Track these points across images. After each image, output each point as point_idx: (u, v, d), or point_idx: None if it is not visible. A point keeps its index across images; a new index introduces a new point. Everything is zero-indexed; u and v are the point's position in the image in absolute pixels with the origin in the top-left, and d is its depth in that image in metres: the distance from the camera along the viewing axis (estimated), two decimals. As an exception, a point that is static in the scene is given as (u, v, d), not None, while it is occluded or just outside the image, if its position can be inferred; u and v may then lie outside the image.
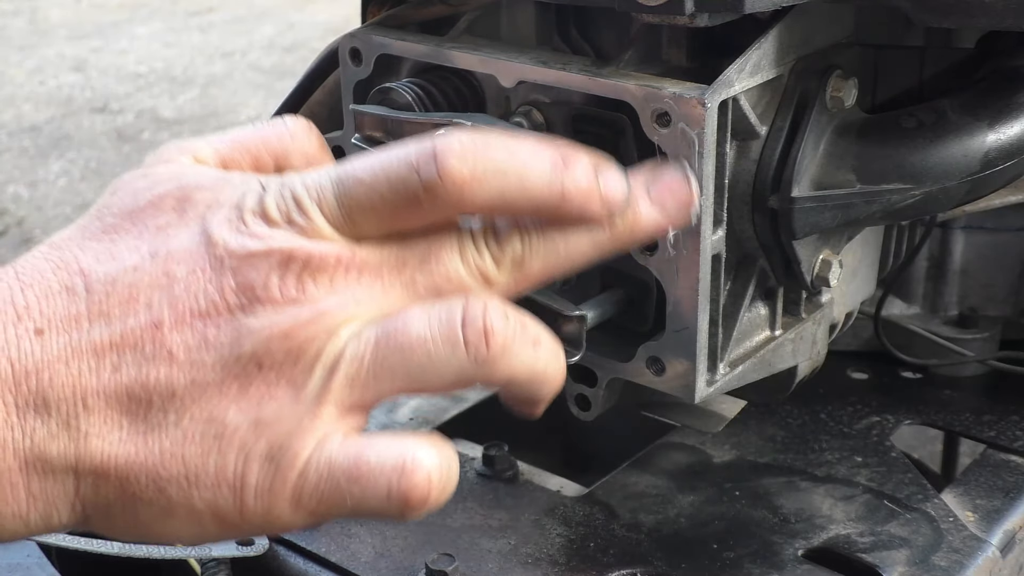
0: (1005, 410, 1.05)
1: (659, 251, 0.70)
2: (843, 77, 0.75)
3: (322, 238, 0.55)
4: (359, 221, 0.56)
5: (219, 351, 0.54)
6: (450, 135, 0.55)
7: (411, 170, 0.54)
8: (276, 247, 0.54)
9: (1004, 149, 0.76)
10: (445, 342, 0.54)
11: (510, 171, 0.55)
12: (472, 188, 0.55)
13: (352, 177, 0.55)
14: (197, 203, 0.57)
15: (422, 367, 0.55)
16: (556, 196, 0.56)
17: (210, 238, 0.55)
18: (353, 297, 0.55)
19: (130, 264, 0.56)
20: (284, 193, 0.56)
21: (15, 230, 4.11)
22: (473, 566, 0.86)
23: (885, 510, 0.91)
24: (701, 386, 0.74)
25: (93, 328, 0.55)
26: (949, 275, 1.13)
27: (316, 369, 0.54)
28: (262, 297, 0.54)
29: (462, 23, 0.82)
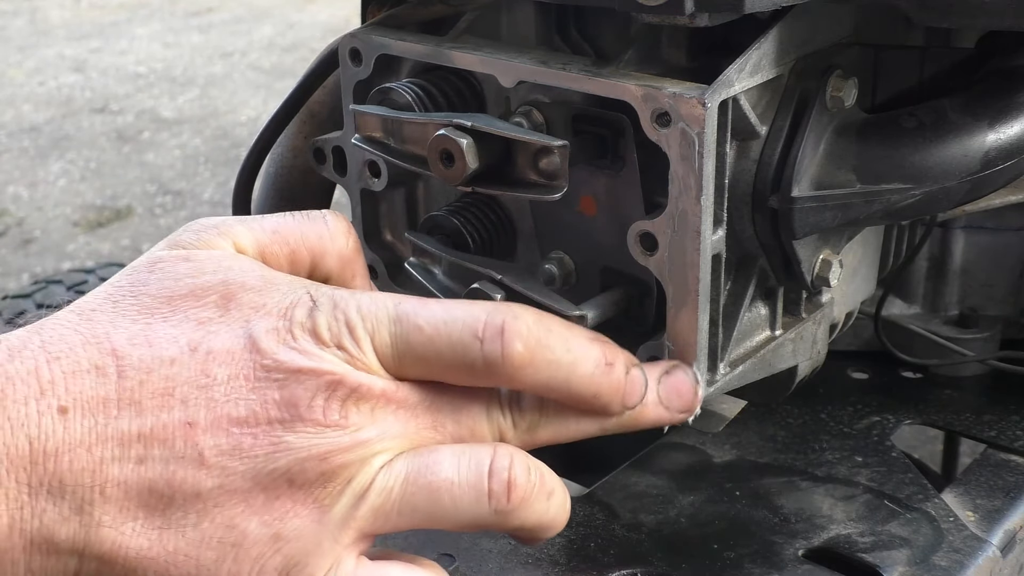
0: (1005, 410, 1.05)
1: (659, 251, 0.70)
2: (843, 77, 0.75)
3: (368, 370, 0.56)
4: (407, 364, 0.57)
5: (252, 462, 0.54)
6: (518, 315, 0.57)
7: (475, 339, 0.56)
8: (327, 369, 0.55)
9: (1004, 149, 0.76)
10: (471, 489, 0.57)
11: (563, 365, 0.59)
12: (526, 373, 0.58)
13: (412, 323, 0.56)
14: (242, 304, 0.57)
15: (444, 509, 0.58)
16: (591, 394, 0.61)
17: (256, 345, 0.55)
18: (390, 430, 0.57)
19: (167, 356, 0.55)
20: (338, 316, 0.56)
21: (15, 230, 4.11)
22: (473, 566, 0.86)
23: (885, 510, 0.91)
24: (701, 386, 0.74)
25: (122, 416, 0.54)
26: (949, 275, 1.13)
27: (345, 494, 0.56)
28: (305, 416, 0.54)
29: (462, 23, 0.82)
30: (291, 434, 0.54)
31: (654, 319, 0.77)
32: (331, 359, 0.55)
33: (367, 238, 0.88)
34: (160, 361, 0.54)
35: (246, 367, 0.55)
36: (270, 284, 0.58)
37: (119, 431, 0.53)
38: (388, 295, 0.59)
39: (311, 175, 0.97)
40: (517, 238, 0.83)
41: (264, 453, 0.54)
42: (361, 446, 0.55)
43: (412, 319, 0.57)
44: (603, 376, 0.60)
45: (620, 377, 0.61)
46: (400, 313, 0.57)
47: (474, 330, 0.56)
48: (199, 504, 0.54)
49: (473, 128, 0.69)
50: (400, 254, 0.89)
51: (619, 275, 0.78)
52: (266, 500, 0.54)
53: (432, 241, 0.79)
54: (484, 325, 0.56)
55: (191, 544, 0.54)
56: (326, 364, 0.55)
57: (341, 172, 0.87)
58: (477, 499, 0.58)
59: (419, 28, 0.84)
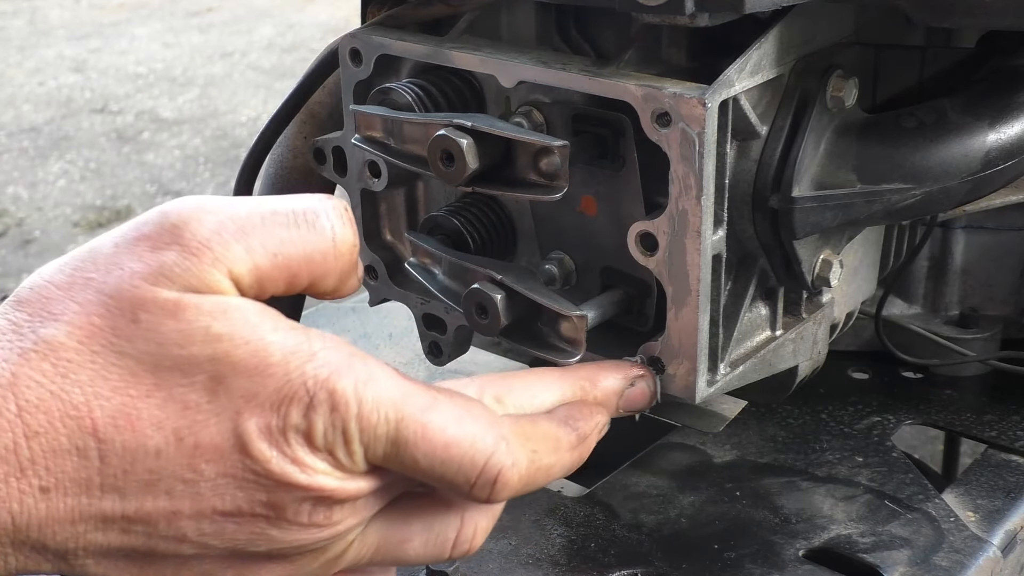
0: (1006, 410, 1.05)
1: (659, 251, 0.70)
2: (844, 77, 0.75)
3: (356, 476, 0.57)
4: (394, 468, 0.58)
5: (234, 543, 0.56)
6: (517, 462, 0.59)
7: (466, 483, 0.58)
8: (317, 486, 0.55)
9: (1005, 149, 0.76)
10: (434, 557, 0.63)
11: (546, 480, 0.62)
12: (507, 497, 0.60)
13: (409, 454, 0.57)
14: (232, 391, 0.54)
15: (405, 564, 0.63)
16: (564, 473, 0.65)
17: (247, 447, 0.54)
18: (365, 511, 0.59)
19: (152, 446, 0.53)
20: (335, 423, 0.55)
21: (15, 231, 4.11)
22: (474, 566, 0.86)
23: (886, 510, 0.91)
24: (702, 386, 0.74)
25: (105, 498, 0.53)
26: (950, 275, 1.13)
27: (319, 560, 0.59)
28: (291, 519, 0.56)
29: (462, 23, 0.82)
30: (274, 529, 0.56)
31: (654, 319, 0.77)
32: (323, 469, 0.56)
33: (367, 238, 0.88)
34: (145, 452, 0.53)
35: (234, 467, 0.54)
36: (264, 365, 0.55)
37: (102, 511, 0.54)
38: (395, 398, 0.56)
39: (311, 175, 0.97)
40: (517, 238, 0.83)
41: (246, 539, 0.56)
42: (340, 535, 0.58)
43: (410, 451, 0.57)
44: (576, 461, 0.65)
45: (587, 452, 0.66)
46: (400, 439, 0.56)
47: (468, 477, 0.58)
48: (178, 560, 0.56)
49: (473, 128, 0.69)
50: (400, 254, 0.89)
51: (619, 275, 0.78)
52: (243, 564, 0.57)
53: (432, 241, 0.79)
54: (480, 473, 0.58)
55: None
56: (318, 480, 0.55)
57: (341, 172, 0.87)
58: (435, 560, 0.64)
59: (419, 28, 0.84)
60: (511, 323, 0.72)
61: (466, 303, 0.73)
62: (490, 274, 0.72)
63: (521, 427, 0.61)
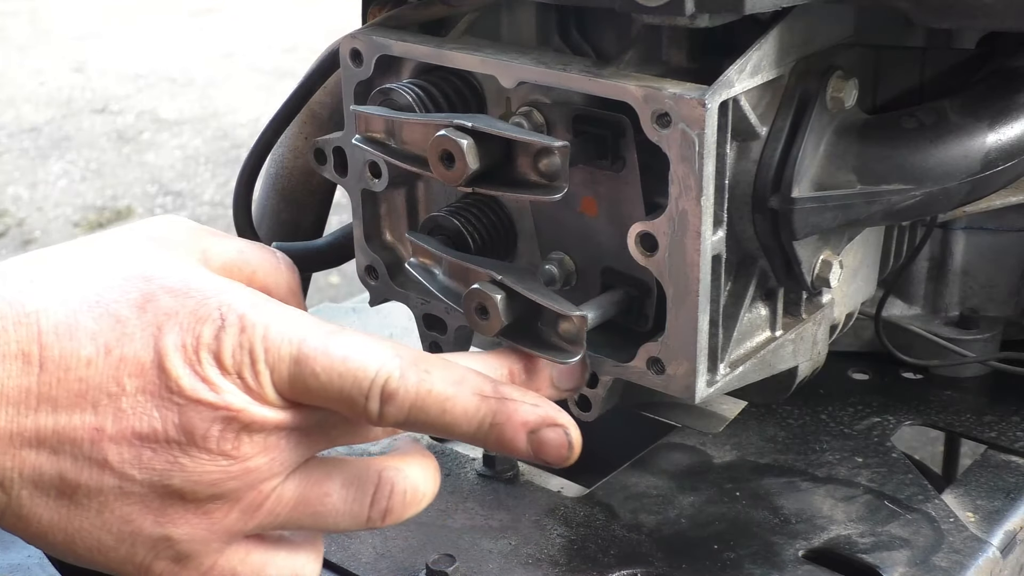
0: (1006, 411, 1.05)
1: (659, 252, 0.71)
2: (844, 78, 0.75)
3: (265, 402, 0.60)
4: (301, 397, 0.61)
5: (150, 474, 0.59)
6: (405, 374, 0.61)
7: (361, 395, 0.61)
8: (225, 403, 0.59)
9: (1004, 150, 0.76)
10: (352, 516, 0.64)
11: (439, 426, 0.63)
12: (404, 427, 0.63)
13: (310, 369, 0.60)
14: (158, 309, 0.60)
15: (325, 526, 0.65)
16: (475, 442, 0.65)
17: (163, 364, 0.59)
18: (280, 456, 0.61)
19: (84, 356, 0.58)
20: (243, 342, 0.59)
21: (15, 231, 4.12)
22: (474, 567, 0.86)
23: (886, 511, 0.91)
24: (701, 387, 0.74)
25: (40, 411, 0.58)
26: (950, 276, 1.13)
27: (235, 512, 0.61)
28: (199, 444, 0.59)
29: (462, 24, 0.82)
30: (186, 457, 0.59)
31: (654, 319, 0.77)
32: (231, 391, 0.59)
33: (367, 238, 0.88)
34: (78, 360, 0.58)
35: (152, 383, 0.58)
36: (187, 289, 0.61)
37: (37, 424, 0.58)
38: (298, 325, 0.61)
39: (312, 176, 0.97)
40: (517, 238, 0.83)
41: (161, 468, 0.59)
42: (250, 473, 0.60)
43: (310, 364, 0.60)
44: (487, 433, 0.64)
45: (512, 436, 0.64)
46: (301, 355, 0.60)
47: (362, 388, 0.60)
48: (101, 498, 0.59)
49: (473, 129, 0.69)
50: (400, 255, 0.89)
51: (619, 275, 0.78)
52: (161, 506, 0.60)
53: (433, 241, 0.79)
54: (371, 384, 0.61)
55: (93, 527, 0.60)
56: (225, 398, 0.59)
57: (342, 173, 0.87)
58: (355, 524, 0.65)
59: (420, 29, 0.84)
60: (511, 323, 0.72)
61: (466, 303, 0.73)
62: (490, 274, 0.73)
63: (421, 354, 0.64)
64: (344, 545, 0.89)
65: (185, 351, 0.59)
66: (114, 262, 0.62)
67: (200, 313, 0.59)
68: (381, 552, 0.88)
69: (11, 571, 0.86)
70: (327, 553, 0.88)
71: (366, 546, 0.89)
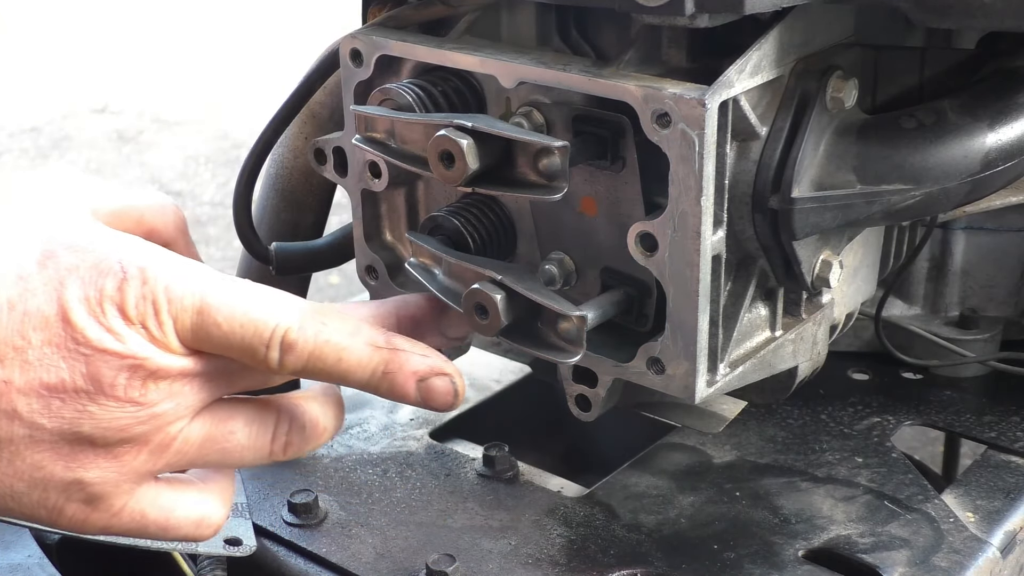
0: (1006, 411, 1.05)
1: (659, 252, 0.71)
2: (843, 78, 0.75)
3: (169, 350, 0.62)
4: (204, 346, 0.63)
5: (60, 422, 0.61)
6: (304, 326, 0.64)
7: (261, 345, 0.63)
8: (130, 352, 0.61)
9: (1004, 150, 0.76)
10: (256, 451, 0.67)
11: (334, 375, 0.66)
12: (302, 375, 0.66)
13: (212, 319, 0.62)
14: (59, 264, 0.61)
15: (231, 462, 0.68)
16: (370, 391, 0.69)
17: (67, 316, 0.60)
18: (185, 400, 0.63)
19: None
20: (146, 293, 0.61)
21: (16, 231, 4.10)
22: (474, 566, 0.86)
23: (886, 511, 0.91)
24: (701, 387, 0.74)
25: None
26: (950, 276, 1.13)
27: (143, 454, 0.63)
28: (107, 392, 0.61)
29: (462, 24, 0.82)
30: (94, 405, 0.61)
31: (654, 319, 0.77)
32: (135, 340, 0.61)
33: (367, 238, 0.88)
34: None
35: (58, 336, 0.60)
36: (88, 243, 0.62)
37: None
38: (200, 277, 0.63)
39: (312, 176, 0.97)
40: (517, 238, 0.83)
41: (71, 417, 0.61)
42: (157, 418, 0.62)
43: (213, 315, 0.62)
44: (380, 380, 0.67)
45: (403, 384, 0.68)
46: (204, 306, 0.62)
47: (262, 338, 0.63)
48: (12, 447, 0.61)
49: (473, 129, 0.70)
50: (400, 255, 0.89)
51: (619, 275, 0.78)
52: (71, 452, 0.62)
53: (433, 241, 0.79)
54: (271, 335, 0.63)
55: (5, 475, 0.62)
56: (130, 347, 0.61)
57: (342, 172, 0.87)
58: (259, 457, 0.68)
59: (419, 29, 0.84)
60: (511, 323, 0.72)
61: (466, 303, 0.73)
62: (490, 274, 0.73)
63: (319, 306, 0.67)
64: (344, 545, 0.89)
65: (89, 303, 0.60)
66: (12, 221, 0.63)
67: (101, 267, 0.61)
68: (381, 552, 0.88)
69: (11, 571, 0.86)
70: (326, 552, 0.88)
71: (366, 546, 0.89)
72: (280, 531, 0.91)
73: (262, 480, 0.98)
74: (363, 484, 0.97)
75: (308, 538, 0.90)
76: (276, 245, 0.94)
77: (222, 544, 0.87)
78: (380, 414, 1.09)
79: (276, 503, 0.95)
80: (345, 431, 1.06)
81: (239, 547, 0.87)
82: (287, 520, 0.92)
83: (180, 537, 0.68)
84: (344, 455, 1.02)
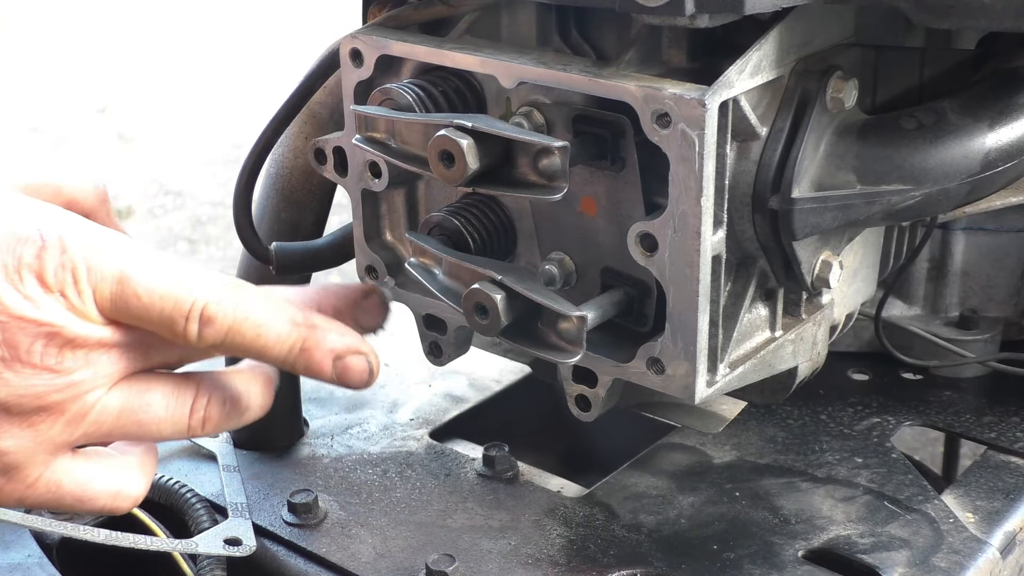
0: (1006, 411, 1.05)
1: (659, 252, 0.71)
2: (843, 78, 0.75)
3: (87, 319, 0.62)
4: (122, 317, 0.63)
5: None
6: (222, 300, 0.65)
7: (180, 318, 0.64)
8: (47, 320, 0.61)
9: (1004, 150, 0.76)
10: (174, 423, 0.67)
11: (253, 350, 0.67)
12: (220, 350, 0.67)
13: (131, 290, 0.62)
14: None
15: (150, 435, 0.67)
16: (286, 368, 0.69)
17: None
18: (103, 370, 0.63)
19: None
20: (65, 262, 0.61)
21: (16, 231, 4.09)
22: (473, 566, 0.86)
23: (885, 511, 0.91)
24: (701, 387, 0.74)
25: None
26: (950, 276, 1.13)
27: (59, 423, 0.63)
28: (24, 359, 0.61)
29: (462, 24, 0.82)
30: (10, 372, 0.61)
31: (654, 320, 0.77)
32: (53, 307, 0.61)
33: (367, 238, 0.88)
34: None
35: None
36: (7, 215, 0.62)
37: None
38: (121, 247, 0.63)
39: (312, 176, 0.97)
40: (517, 238, 0.83)
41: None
42: (74, 387, 0.62)
43: (133, 285, 0.63)
44: (297, 357, 0.68)
45: (319, 361, 0.68)
46: (124, 277, 0.62)
47: (182, 311, 0.63)
48: None
49: (474, 129, 0.70)
50: (400, 255, 0.89)
51: (619, 275, 0.78)
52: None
53: (433, 241, 0.79)
54: (191, 308, 0.64)
55: None
56: (47, 314, 0.61)
57: (342, 172, 0.87)
58: (178, 430, 0.68)
59: (420, 29, 0.84)
60: (511, 323, 0.72)
61: (466, 303, 0.73)
62: (490, 274, 0.73)
63: (240, 282, 0.67)
64: (344, 545, 0.89)
65: (7, 271, 0.60)
66: None
67: (20, 235, 0.61)
68: (381, 552, 0.88)
69: (11, 570, 0.86)
70: (325, 552, 0.88)
71: (366, 546, 0.89)
72: (280, 531, 0.91)
73: (262, 480, 0.98)
74: (363, 484, 0.97)
75: (308, 538, 0.90)
76: (276, 245, 0.94)
77: (222, 544, 0.87)
78: (380, 414, 1.09)
79: (276, 503, 0.95)
80: (345, 431, 1.06)
81: (239, 547, 0.87)
82: (287, 520, 0.92)
83: (97, 509, 0.68)
84: (344, 455, 1.02)
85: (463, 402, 1.12)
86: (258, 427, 1.03)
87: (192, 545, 0.85)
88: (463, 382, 1.16)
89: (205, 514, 0.91)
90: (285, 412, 1.04)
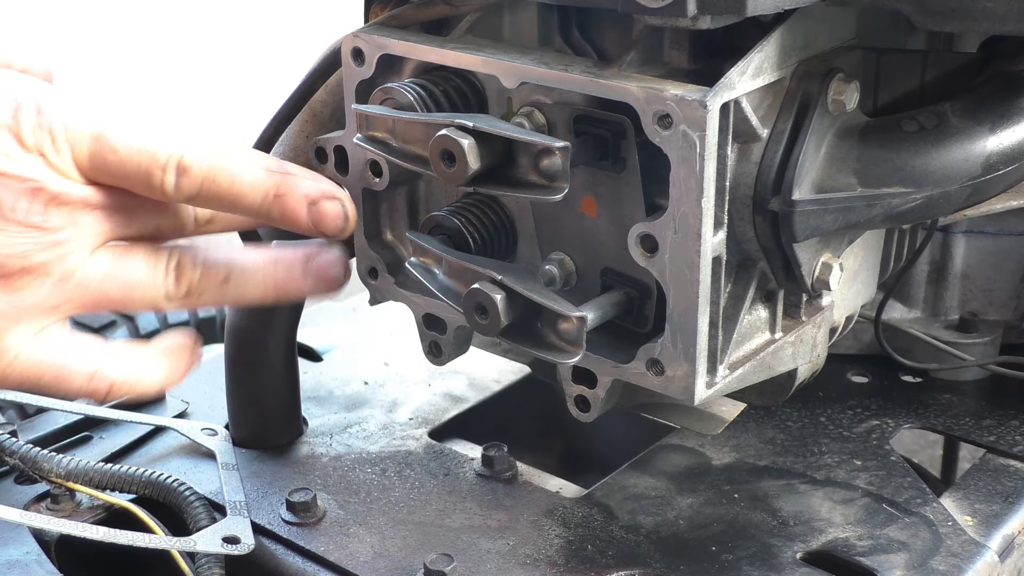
0: (1005, 415, 1.05)
1: (660, 253, 0.71)
2: (845, 80, 0.75)
3: (67, 176, 0.62)
4: (101, 176, 0.64)
5: None
6: (198, 150, 0.66)
7: (158, 169, 0.64)
8: (28, 176, 0.61)
9: (1005, 153, 0.76)
10: (155, 286, 0.68)
11: (227, 198, 0.68)
12: (197, 200, 0.68)
13: (109, 145, 0.63)
14: None
15: (133, 300, 0.68)
16: (262, 217, 0.71)
17: None
18: (87, 230, 0.63)
19: None
20: (42, 122, 0.62)
21: (16, 228, 4.10)
22: (472, 567, 0.86)
23: (884, 514, 0.91)
24: (701, 388, 0.74)
25: None
26: (950, 279, 1.13)
27: (45, 285, 0.63)
28: (8, 216, 0.61)
29: (464, 24, 0.82)
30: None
31: (654, 320, 0.77)
32: (34, 164, 0.61)
33: (368, 237, 0.88)
34: None
35: None
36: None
37: None
38: (95, 108, 0.64)
39: (312, 174, 0.97)
40: (518, 238, 0.83)
41: None
42: (60, 245, 0.62)
43: (109, 141, 0.63)
44: (272, 204, 0.69)
45: (294, 207, 0.69)
46: (100, 133, 0.63)
47: (158, 162, 0.64)
48: None
49: (475, 129, 0.70)
50: (401, 254, 0.89)
51: (620, 276, 0.78)
52: None
53: (433, 241, 0.79)
54: (167, 159, 0.65)
55: None
56: (28, 171, 0.61)
57: (343, 171, 0.87)
58: (157, 294, 0.68)
59: (421, 28, 0.84)
60: (511, 323, 0.72)
61: (466, 303, 0.73)
62: (490, 274, 0.73)
63: (216, 138, 0.69)
64: (342, 544, 0.89)
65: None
66: None
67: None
68: (379, 552, 0.88)
69: (9, 567, 0.86)
70: (324, 552, 0.88)
71: (364, 545, 0.89)
72: (278, 529, 0.91)
73: (260, 478, 0.98)
74: (361, 483, 0.97)
75: (306, 537, 0.90)
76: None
77: (220, 542, 0.87)
78: (379, 413, 1.09)
79: (274, 501, 0.95)
80: (344, 430, 1.06)
81: (237, 545, 0.87)
82: (285, 519, 0.92)
83: (74, 390, 0.67)
84: (343, 454, 1.02)
85: (462, 402, 1.12)
86: (257, 426, 1.03)
87: (190, 543, 0.85)
88: (462, 382, 1.16)
89: (203, 512, 0.91)
90: (284, 411, 1.04)
